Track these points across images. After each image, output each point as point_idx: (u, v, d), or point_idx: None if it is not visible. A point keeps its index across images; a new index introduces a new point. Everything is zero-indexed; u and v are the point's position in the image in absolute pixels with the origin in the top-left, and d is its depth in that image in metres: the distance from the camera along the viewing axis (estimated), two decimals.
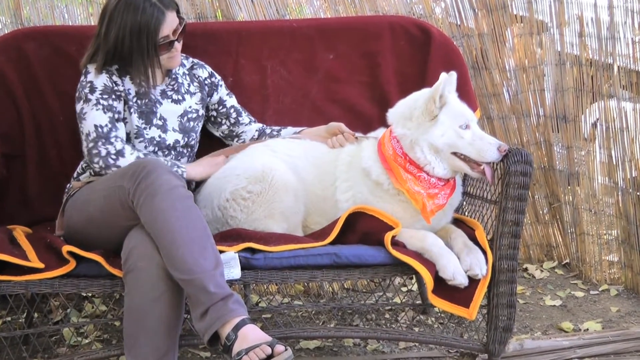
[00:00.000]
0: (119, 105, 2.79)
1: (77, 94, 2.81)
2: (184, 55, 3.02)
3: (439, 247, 2.60)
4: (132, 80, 2.81)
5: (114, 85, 2.79)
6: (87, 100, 2.76)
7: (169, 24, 2.76)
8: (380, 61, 3.25)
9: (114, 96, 2.78)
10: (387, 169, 2.74)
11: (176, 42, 2.80)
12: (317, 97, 3.26)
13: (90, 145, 2.73)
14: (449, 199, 2.76)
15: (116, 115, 2.77)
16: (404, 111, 2.78)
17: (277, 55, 3.25)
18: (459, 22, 3.82)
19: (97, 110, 2.74)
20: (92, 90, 2.76)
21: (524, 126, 3.94)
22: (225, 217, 2.80)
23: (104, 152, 2.71)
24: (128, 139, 2.83)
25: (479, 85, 3.85)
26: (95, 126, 2.73)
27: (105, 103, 2.76)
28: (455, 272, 2.55)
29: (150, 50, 2.74)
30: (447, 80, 2.71)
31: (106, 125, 2.74)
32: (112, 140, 2.73)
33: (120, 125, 2.79)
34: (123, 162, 2.70)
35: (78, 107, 2.79)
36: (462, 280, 2.56)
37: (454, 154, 2.70)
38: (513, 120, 3.92)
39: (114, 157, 2.71)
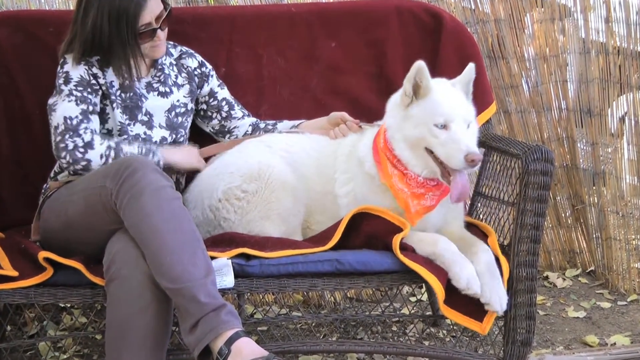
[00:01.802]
0: (94, 99, 2.79)
1: (54, 85, 2.82)
2: (172, 43, 3.03)
3: (452, 253, 2.60)
4: (115, 71, 2.81)
5: (92, 78, 2.79)
6: (59, 92, 2.77)
7: (151, 10, 2.76)
8: (387, 50, 3.26)
9: (89, 89, 2.78)
10: (376, 162, 2.75)
11: (159, 30, 2.81)
12: (317, 89, 3.28)
13: (58, 139, 2.72)
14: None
15: (90, 107, 2.77)
16: (396, 99, 2.79)
17: (274, 43, 3.26)
18: (473, 7, 3.83)
19: (69, 101, 2.74)
20: (67, 81, 2.77)
21: (545, 121, 3.95)
22: (218, 218, 2.81)
23: (71, 146, 2.70)
24: (110, 137, 2.83)
25: (495, 76, 3.85)
26: (65, 118, 2.72)
27: (78, 94, 2.76)
28: (469, 281, 2.55)
29: (130, 39, 2.74)
30: (422, 69, 2.67)
31: (76, 117, 2.73)
32: (81, 132, 2.71)
33: (94, 117, 2.78)
34: (92, 155, 2.69)
35: (52, 99, 2.79)
36: (477, 290, 2.55)
37: (428, 151, 2.67)
38: (532, 114, 3.93)
39: (81, 149, 2.70)
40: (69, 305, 3.42)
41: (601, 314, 3.63)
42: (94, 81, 2.79)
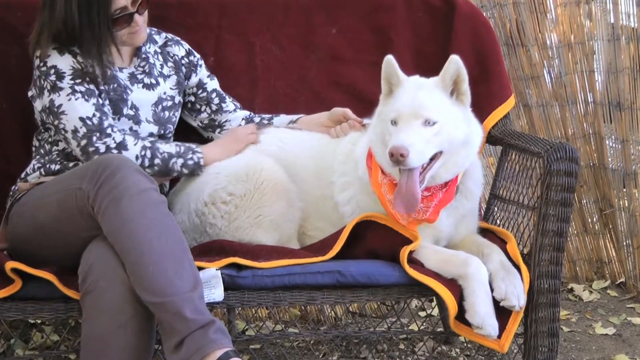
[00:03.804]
0: (95, 89, 2.80)
1: (37, 84, 2.80)
2: (156, 30, 3.04)
3: (479, 282, 2.56)
4: (86, 63, 2.78)
5: (83, 66, 2.79)
6: (56, 89, 2.76)
7: None
8: (393, 37, 3.27)
9: (87, 78, 2.78)
10: (368, 167, 2.76)
11: (137, 15, 2.80)
12: (316, 81, 3.29)
13: (83, 142, 2.74)
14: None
15: (100, 100, 2.79)
16: None
17: (268, 30, 3.27)
18: None
19: (76, 99, 2.75)
20: (60, 76, 2.76)
21: (569, 115, 3.96)
22: (204, 224, 2.82)
23: (102, 148, 2.73)
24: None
25: (513, 65, 3.86)
26: (82, 119, 2.74)
27: (82, 89, 2.76)
28: (485, 320, 2.53)
29: (102, 26, 2.74)
30: (388, 63, 2.70)
31: (94, 115, 2.75)
32: (109, 131, 2.75)
33: (108, 109, 2.81)
34: (127, 155, 2.71)
35: (44, 100, 2.78)
36: (491, 332, 2.54)
37: None
38: (555, 108, 3.94)
39: (115, 151, 2.73)
40: (39, 321, 3.42)
41: (632, 331, 3.63)
42: (86, 69, 2.79)
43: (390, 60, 2.71)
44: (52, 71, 2.77)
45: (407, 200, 2.57)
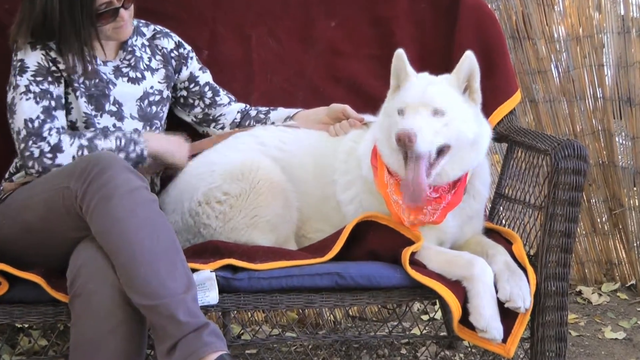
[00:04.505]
0: (56, 90, 2.79)
1: (9, 78, 2.82)
2: (144, 22, 3.04)
3: (485, 284, 2.57)
4: (65, 59, 2.77)
5: (52, 64, 2.78)
6: (15, 86, 2.76)
7: None
8: (395, 29, 3.27)
9: (50, 78, 2.78)
10: (373, 166, 2.76)
11: (122, 9, 2.80)
12: (315, 75, 3.29)
13: (22, 146, 2.72)
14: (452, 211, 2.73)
15: (53, 103, 2.77)
16: None
17: (265, 22, 3.27)
18: None
19: (27, 99, 2.74)
20: (22, 70, 2.76)
21: (577, 111, 3.95)
22: (198, 225, 2.82)
23: (37, 153, 2.71)
24: (77, 131, 2.83)
25: (519, 59, 3.86)
26: (25, 121, 2.72)
27: (37, 89, 2.76)
28: (489, 323, 2.53)
29: (85, 22, 2.73)
30: (398, 56, 2.71)
31: (37, 117, 2.73)
32: (45, 134, 2.72)
33: (59, 113, 2.78)
34: (63, 158, 2.69)
35: (9, 96, 2.78)
36: (495, 336, 2.54)
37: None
38: (563, 103, 3.94)
39: (49, 155, 2.70)
40: (26, 325, 3.42)
41: None
42: (53, 67, 2.79)
43: (400, 54, 2.71)
44: (18, 65, 2.77)
45: (412, 190, 2.58)
